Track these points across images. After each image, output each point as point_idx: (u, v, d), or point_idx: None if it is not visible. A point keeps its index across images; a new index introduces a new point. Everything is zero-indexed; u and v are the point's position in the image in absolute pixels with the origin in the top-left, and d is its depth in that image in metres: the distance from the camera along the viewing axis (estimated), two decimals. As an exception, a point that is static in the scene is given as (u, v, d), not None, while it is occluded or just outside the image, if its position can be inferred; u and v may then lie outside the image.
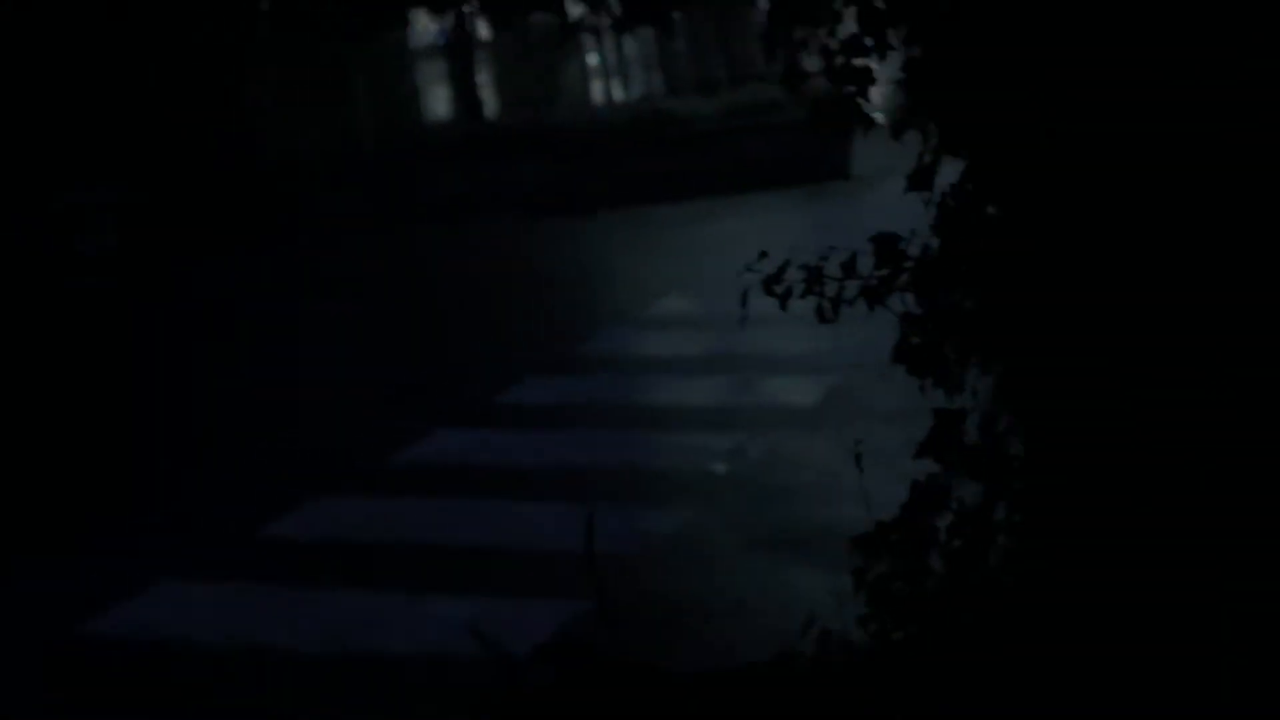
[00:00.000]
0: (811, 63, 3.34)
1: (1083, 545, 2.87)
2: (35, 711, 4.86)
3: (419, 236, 15.95)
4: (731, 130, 17.41)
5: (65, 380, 10.67)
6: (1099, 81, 2.87)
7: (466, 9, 22.46)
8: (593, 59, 33.20)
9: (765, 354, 8.83)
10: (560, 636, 4.91)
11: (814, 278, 3.32)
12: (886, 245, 3.36)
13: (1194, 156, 2.81)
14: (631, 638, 4.57)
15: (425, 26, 31.04)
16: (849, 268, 3.31)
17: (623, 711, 3.21)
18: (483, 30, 32.58)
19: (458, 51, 17.82)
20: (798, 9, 3.24)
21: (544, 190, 16.75)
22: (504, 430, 7.84)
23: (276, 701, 4.70)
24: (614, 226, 15.31)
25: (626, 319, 10.32)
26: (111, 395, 10.03)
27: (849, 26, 3.30)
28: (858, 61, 3.22)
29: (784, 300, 3.37)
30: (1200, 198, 2.83)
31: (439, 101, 34.74)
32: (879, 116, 3.33)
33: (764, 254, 3.51)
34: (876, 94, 3.40)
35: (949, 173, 3.37)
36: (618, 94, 34.07)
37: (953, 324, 3.15)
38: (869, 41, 3.19)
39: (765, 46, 19.75)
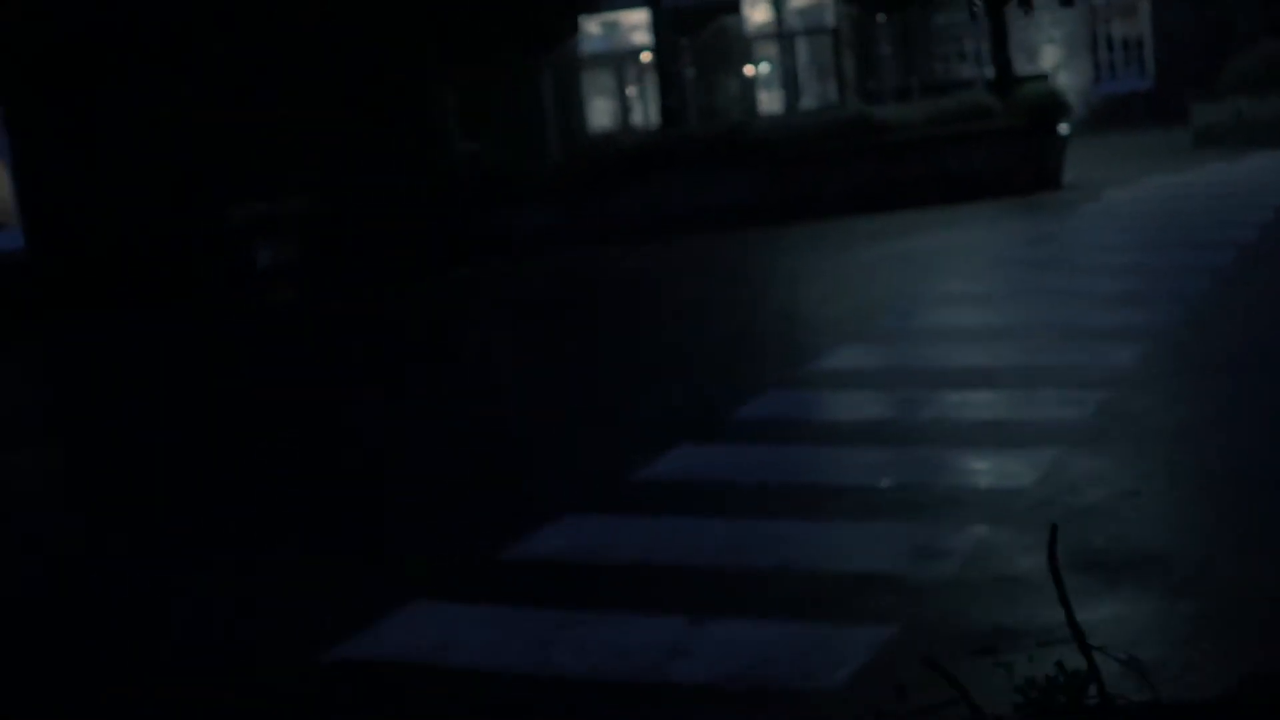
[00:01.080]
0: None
1: None
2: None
3: (623, 253, 15.58)
4: (939, 138, 16.73)
5: (267, 398, 10.49)
6: None
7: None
8: (764, 67, 32.84)
9: (1021, 366, 8.24)
10: (873, 666, 4.40)
11: None
12: None
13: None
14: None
15: (592, 35, 30.90)
16: None
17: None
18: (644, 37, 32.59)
19: (662, 58, 17.42)
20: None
21: (747, 201, 16.29)
22: (757, 445, 7.35)
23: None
24: (825, 238, 14.74)
25: (861, 335, 9.76)
26: (326, 420, 9.79)
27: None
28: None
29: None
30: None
31: (602, 113, 34.75)
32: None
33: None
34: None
35: None
36: (777, 105, 33.70)
37: None
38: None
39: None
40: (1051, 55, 32.45)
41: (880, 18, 24.43)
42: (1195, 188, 15.90)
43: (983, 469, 6.47)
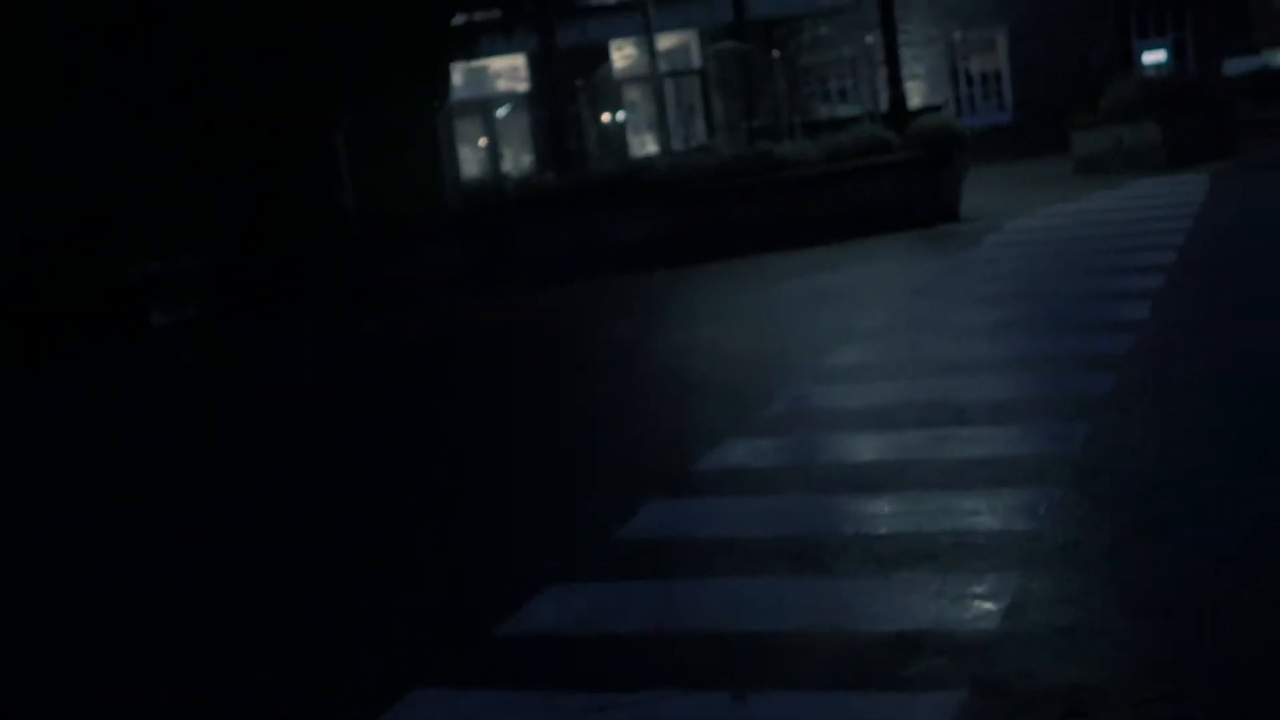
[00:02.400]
0: None
1: None
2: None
3: (529, 296, 15.12)
4: (839, 173, 16.62)
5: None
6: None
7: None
8: (621, 115, 32.74)
9: (989, 400, 7.98)
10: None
11: None
12: None
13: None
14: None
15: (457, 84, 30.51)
16: None
17: None
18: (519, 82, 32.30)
19: (553, 100, 17.04)
20: None
21: (653, 241, 15.95)
22: (731, 497, 6.93)
23: None
24: (738, 276, 14.46)
25: (805, 373, 9.44)
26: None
27: None
28: None
29: None
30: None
31: (470, 161, 34.30)
32: None
33: None
34: None
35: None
36: (653, 146, 33.67)
37: None
38: None
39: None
40: (915, 91, 32.84)
41: (775, 54, 24.42)
42: (1095, 215, 16.01)
43: (983, 511, 6.15)
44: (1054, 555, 5.44)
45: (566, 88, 17.08)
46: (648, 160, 18.07)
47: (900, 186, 16.67)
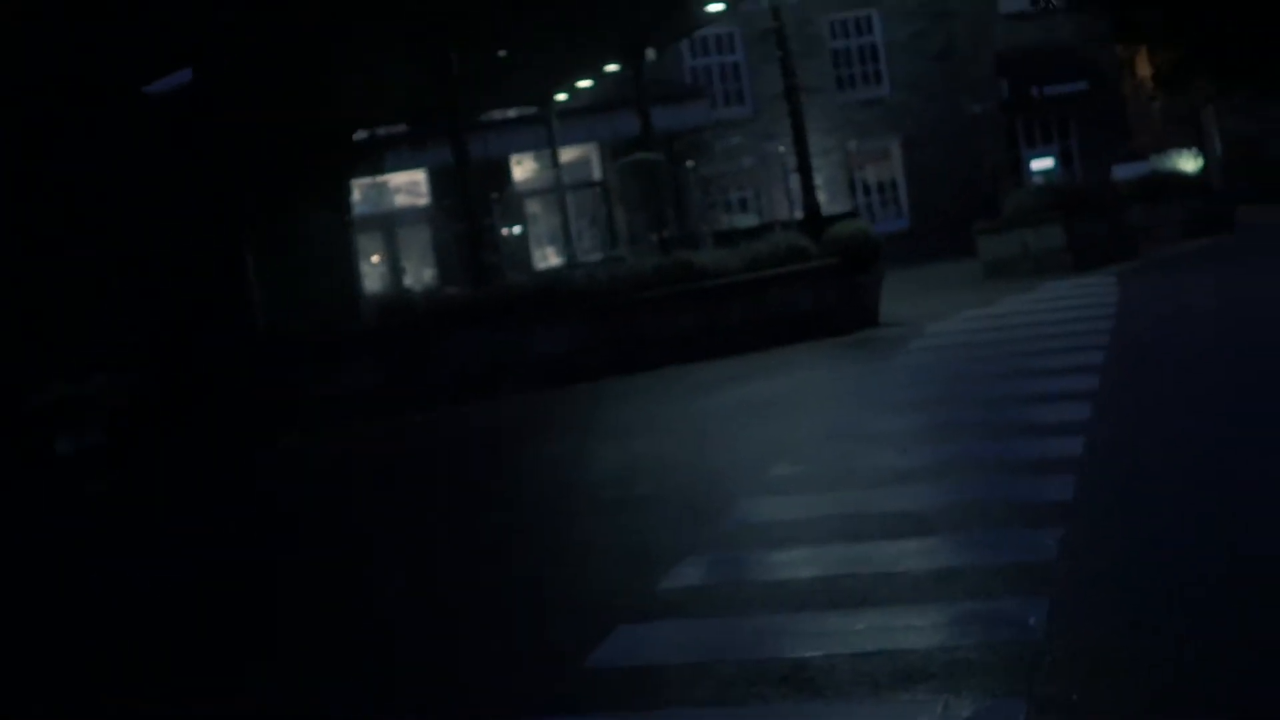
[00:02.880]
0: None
1: None
2: None
3: (451, 413, 14.75)
4: (759, 281, 16.58)
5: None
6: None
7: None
8: (517, 228, 32.74)
9: (951, 506, 7.81)
10: None
11: None
12: None
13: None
14: None
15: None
16: None
17: None
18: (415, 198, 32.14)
19: (470, 212, 16.81)
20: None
21: (574, 353, 15.72)
22: (699, 620, 6.62)
23: None
24: (666, 387, 14.25)
25: (754, 486, 9.20)
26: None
27: None
28: None
29: None
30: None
31: (371, 275, 33.92)
32: None
33: None
34: None
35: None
36: (555, 259, 33.65)
37: None
38: None
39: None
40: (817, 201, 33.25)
41: (690, 164, 24.55)
42: (1014, 317, 16.11)
43: (971, 624, 5.92)
44: (1056, 669, 5.22)
45: (481, 200, 16.87)
46: (566, 271, 17.89)
47: (820, 294, 16.67)
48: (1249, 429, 8.66)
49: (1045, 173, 35.53)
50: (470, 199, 16.89)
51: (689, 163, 24.29)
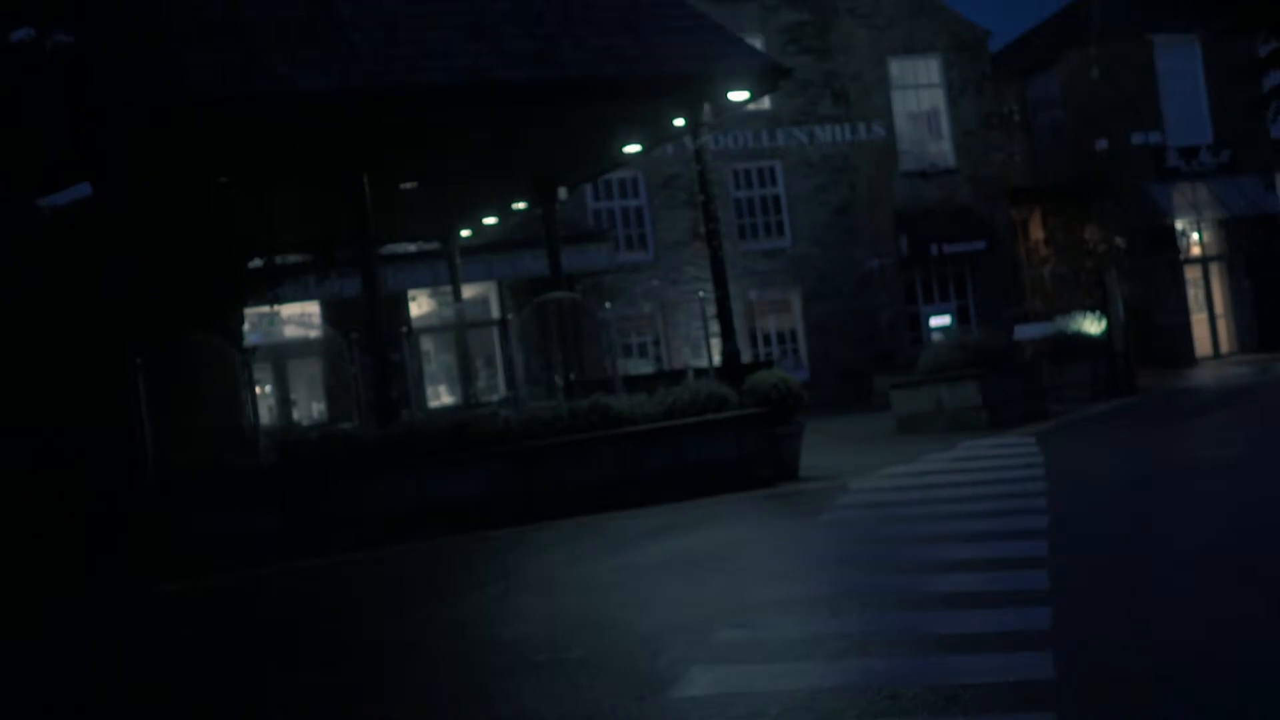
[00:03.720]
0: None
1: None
2: None
3: (355, 559, 13.76)
4: (677, 430, 15.97)
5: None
6: None
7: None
8: (433, 366, 31.91)
9: (898, 688, 7.15)
10: None
11: None
12: None
13: None
14: None
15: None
16: None
17: None
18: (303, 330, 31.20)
19: (379, 345, 16.00)
20: None
21: (484, 498, 14.87)
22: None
23: None
24: (583, 539, 13.47)
25: (701, 651, 8.46)
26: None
27: None
28: None
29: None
30: None
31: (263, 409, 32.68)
32: None
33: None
34: None
35: None
36: (448, 398, 32.80)
37: None
38: None
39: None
40: (715, 346, 33.00)
41: (608, 305, 24.01)
42: (941, 477, 15.67)
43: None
44: None
45: (394, 333, 16.09)
46: (479, 410, 17.13)
47: (740, 444, 16.11)
48: (1246, 612, 8.17)
49: (943, 329, 35.78)
50: (379, 332, 16.09)
51: (607, 304, 23.80)
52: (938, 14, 36.35)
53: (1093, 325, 25.80)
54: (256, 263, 25.54)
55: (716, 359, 31.25)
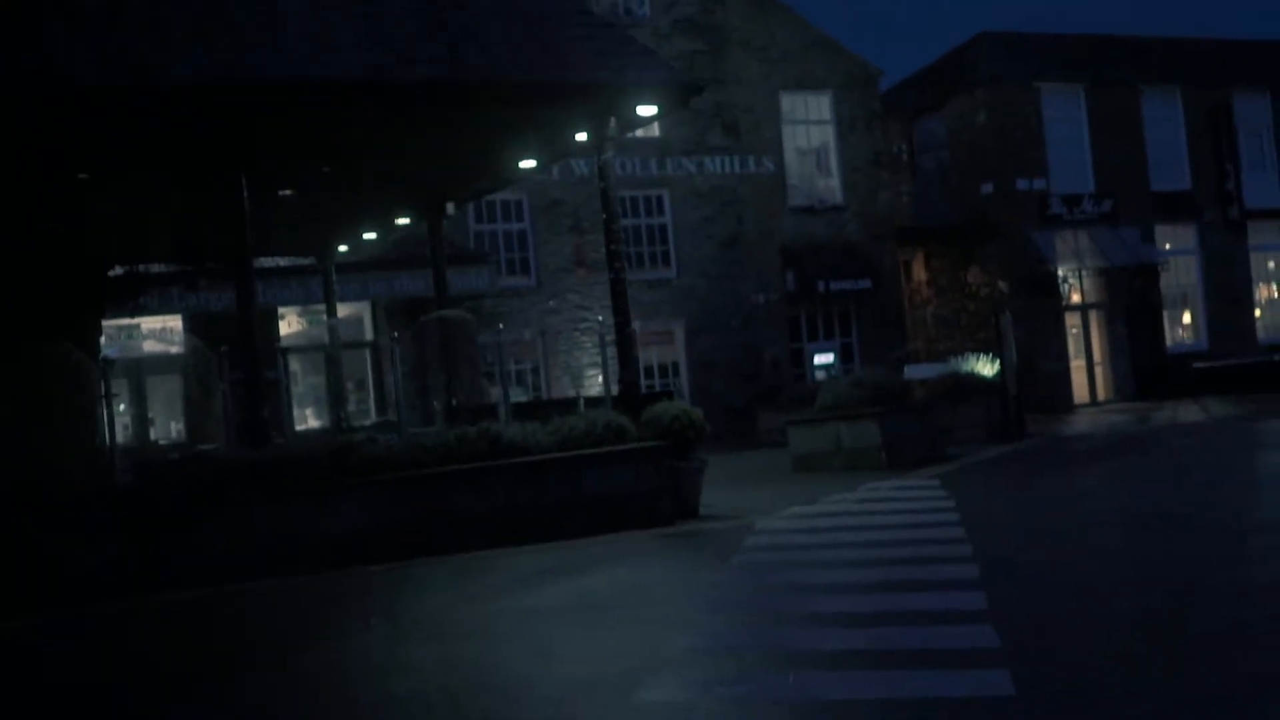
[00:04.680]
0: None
1: None
2: None
3: (218, 597, 12.45)
4: (572, 461, 14.97)
5: None
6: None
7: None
8: (303, 391, 30.48)
9: None
10: None
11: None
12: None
13: None
14: None
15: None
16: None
17: None
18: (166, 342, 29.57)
19: (252, 362, 14.70)
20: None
21: (363, 531, 13.66)
22: None
23: None
24: (475, 577, 12.36)
25: (626, 714, 7.49)
26: None
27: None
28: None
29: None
30: None
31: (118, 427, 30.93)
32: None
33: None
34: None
35: None
36: (315, 422, 31.36)
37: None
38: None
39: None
40: (597, 380, 32.09)
41: (500, 327, 22.86)
42: (850, 519, 14.88)
43: None
44: None
45: (269, 350, 14.85)
46: (359, 435, 15.92)
47: (640, 479, 15.14)
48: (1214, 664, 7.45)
49: (826, 366, 35.35)
50: (254, 347, 14.80)
51: (500, 326, 22.70)
52: (831, 50, 36.06)
53: (986, 367, 25.43)
54: (118, 270, 24.03)
55: (598, 388, 30.53)
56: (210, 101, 14.43)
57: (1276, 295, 42.22)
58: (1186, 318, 40.33)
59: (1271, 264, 42.20)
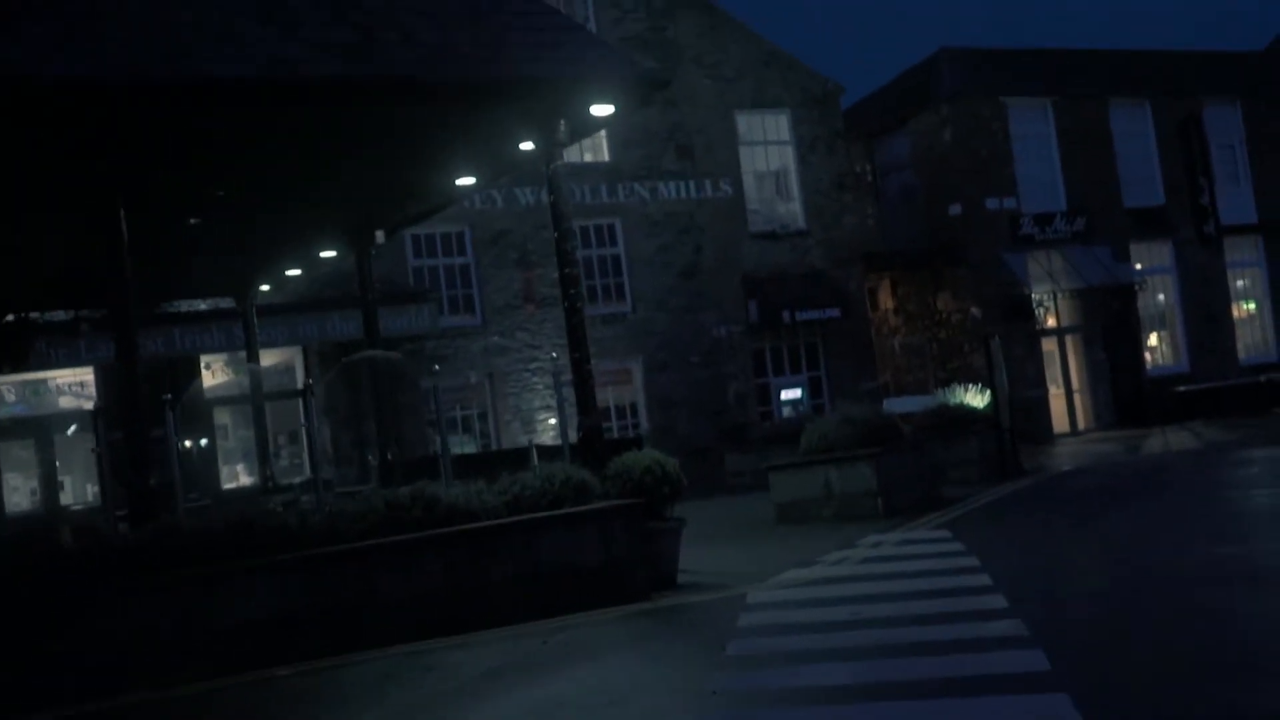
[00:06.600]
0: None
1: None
2: None
3: (91, 715, 9.87)
4: (526, 527, 12.53)
5: None
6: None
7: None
8: (204, 441, 27.93)
9: None
10: None
11: None
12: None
13: None
14: None
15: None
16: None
17: None
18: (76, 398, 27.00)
19: (132, 422, 12.18)
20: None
21: (276, 618, 11.11)
22: None
23: None
24: (408, 682, 9.84)
25: None
26: None
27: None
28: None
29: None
30: None
31: (19, 492, 28.21)
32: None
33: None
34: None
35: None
36: (247, 479, 28.82)
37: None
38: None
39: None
40: (551, 425, 29.65)
41: (435, 369, 20.40)
42: (861, 586, 12.43)
43: None
44: None
45: (146, 407, 12.29)
46: (270, 505, 13.43)
47: (607, 544, 12.70)
48: None
49: (794, 402, 33.10)
50: (135, 402, 12.28)
51: (436, 367, 20.20)
52: (787, 66, 33.99)
53: (976, 398, 23.23)
54: (9, 318, 21.46)
55: (552, 434, 28.04)
56: (80, 106, 11.98)
57: (1255, 313, 40.46)
58: (1165, 339, 38.49)
59: (1247, 281, 40.44)
